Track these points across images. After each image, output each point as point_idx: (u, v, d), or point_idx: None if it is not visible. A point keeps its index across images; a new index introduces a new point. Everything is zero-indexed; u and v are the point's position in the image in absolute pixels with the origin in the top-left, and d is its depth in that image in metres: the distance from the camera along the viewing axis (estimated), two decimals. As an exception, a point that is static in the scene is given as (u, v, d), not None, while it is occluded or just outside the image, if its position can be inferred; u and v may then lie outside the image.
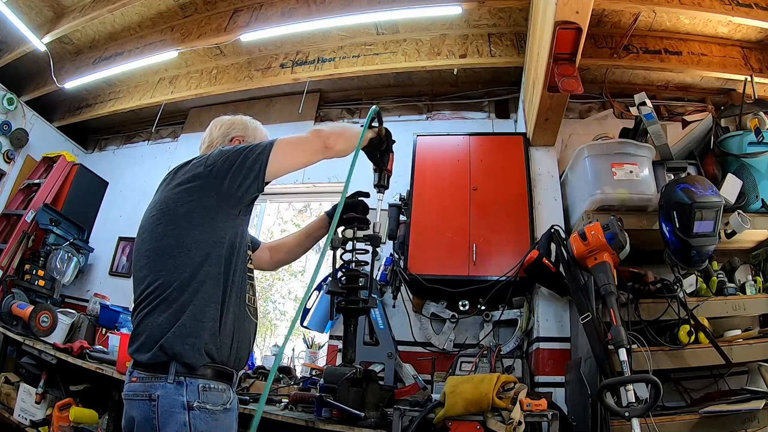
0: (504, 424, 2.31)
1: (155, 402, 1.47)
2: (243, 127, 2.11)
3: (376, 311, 3.64)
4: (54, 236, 4.96)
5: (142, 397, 1.50)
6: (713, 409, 2.53)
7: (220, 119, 2.15)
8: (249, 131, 2.11)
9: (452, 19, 4.48)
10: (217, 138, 2.05)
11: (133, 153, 6.23)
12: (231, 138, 2.05)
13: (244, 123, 2.13)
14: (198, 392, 1.50)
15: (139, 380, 1.53)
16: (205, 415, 1.50)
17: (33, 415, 3.64)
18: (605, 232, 2.63)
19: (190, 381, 1.50)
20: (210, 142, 2.06)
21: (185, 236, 1.61)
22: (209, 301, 1.58)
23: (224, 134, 2.06)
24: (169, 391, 1.48)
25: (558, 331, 3.26)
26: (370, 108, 2.22)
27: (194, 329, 1.53)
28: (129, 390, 1.56)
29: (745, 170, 3.19)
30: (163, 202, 1.70)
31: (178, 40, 5.04)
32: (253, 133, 2.10)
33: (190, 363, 1.51)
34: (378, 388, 2.67)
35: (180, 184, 1.70)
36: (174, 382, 1.49)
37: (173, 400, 1.47)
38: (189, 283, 1.57)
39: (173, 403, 1.47)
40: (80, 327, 4.29)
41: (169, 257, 1.60)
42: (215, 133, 2.07)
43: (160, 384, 1.49)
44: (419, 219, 3.69)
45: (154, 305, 1.56)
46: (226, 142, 2.03)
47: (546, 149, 3.89)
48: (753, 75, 3.93)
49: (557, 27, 2.78)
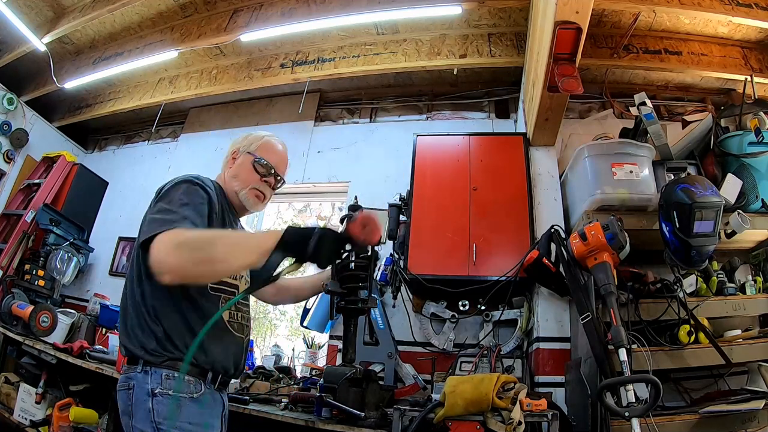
0: (504, 424, 2.31)
1: (131, 391, 1.61)
2: (247, 142, 2.14)
3: (376, 311, 3.64)
4: (54, 236, 4.96)
5: (123, 387, 1.64)
6: (713, 409, 2.53)
7: (239, 137, 2.22)
8: (249, 143, 2.13)
9: (452, 19, 4.48)
10: (228, 154, 2.16)
11: (133, 153, 6.23)
12: (233, 151, 2.14)
13: (251, 138, 2.16)
14: (161, 380, 1.60)
15: (123, 371, 1.69)
16: (167, 400, 1.58)
17: (33, 415, 3.64)
18: (605, 232, 2.63)
19: (154, 370, 1.61)
20: (225, 157, 2.18)
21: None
22: (166, 306, 1.68)
23: (231, 150, 2.16)
24: (139, 381, 1.60)
25: (558, 331, 3.25)
26: (371, 107, 2.17)
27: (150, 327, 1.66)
28: (118, 382, 1.69)
29: (745, 170, 3.19)
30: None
31: (178, 40, 5.04)
32: (251, 145, 2.12)
33: (150, 358, 1.62)
34: (378, 388, 2.66)
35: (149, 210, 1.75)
36: (142, 372, 1.61)
37: (141, 388, 1.59)
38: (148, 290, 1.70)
39: (141, 391, 1.59)
40: (80, 327, 4.29)
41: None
42: (228, 149, 2.18)
43: (134, 374, 1.62)
44: (419, 219, 3.69)
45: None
46: (229, 155, 2.14)
47: (546, 149, 3.89)
48: (753, 75, 3.93)
49: (557, 27, 2.78)
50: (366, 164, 4.79)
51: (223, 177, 2.10)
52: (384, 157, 4.75)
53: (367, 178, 4.66)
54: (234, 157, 2.12)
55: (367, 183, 4.56)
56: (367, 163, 4.80)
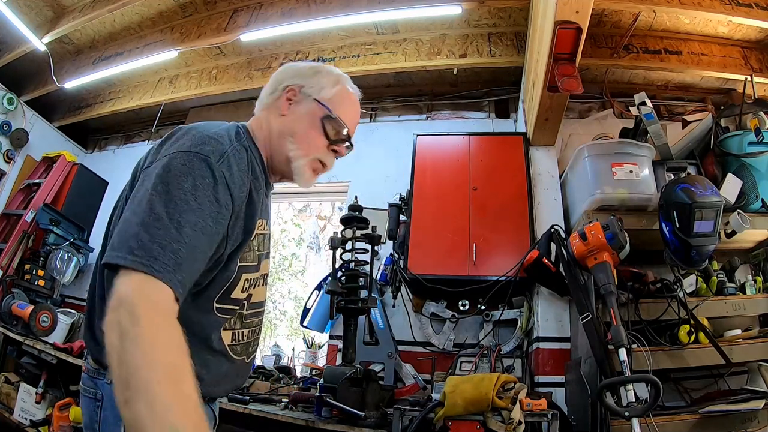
0: (504, 423, 2.32)
1: (100, 403, 1.21)
2: (308, 76, 1.48)
3: (376, 311, 3.65)
4: (54, 236, 4.96)
5: (89, 394, 1.24)
6: (713, 408, 2.53)
7: (295, 63, 1.56)
8: (313, 81, 1.46)
9: (452, 18, 4.48)
10: (278, 84, 1.48)
11: (133, 153, 6.21)
12: (286, 86, 1.46)
13: (314, 70, 1.50)
14: None
15: (87, 372, 1.27)
16: None
17: (33, 414, 3.64)
18: (605, 231, 2.63)
19: None
20: (272, 89, 1.49)
21: None
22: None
23: (282, 80, 1.49)
24: (109, 394, 1.17)
25: (558, 331, 3.25)
26: (371, 107, 1.83)
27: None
28: (81, 381, 1.29)
29: (745, 170, 3.19)
30: None
31: (178, 40, 5.03)
32: (317, 86, 1.46)
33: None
34: (378, 388, 2.67)
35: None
36: (111, 383, 1.15)
37: (111, 404, 1.15)
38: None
39: (111, 409, 1.17)
40: (80, 327, 4.29)
41: None
42: (282, 77, 1.50)
43: (101, 382, 1.21)
44: (419, 219, 3.69)
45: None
46: (280, 90, 1.47)
47: (546, 149, 3.89)
48: (753, 75, 3.93)
49: (557, 27, 2.79)
50: (366, 164, 4.79)
51: (265, 125, 1.44)
52: (384, 156, 4.75)
53: (367, 178, 4.66)
54: (290, 97, 1.44)
55: (367, 183, 4.56)
56: (367, 163, 4.79)
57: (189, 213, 1.04)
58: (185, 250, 1.02)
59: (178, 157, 1.11)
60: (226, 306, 1.29)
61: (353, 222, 2.86)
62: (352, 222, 2.86)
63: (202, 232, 1.06)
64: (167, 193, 1.04)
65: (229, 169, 1.16)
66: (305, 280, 8.96)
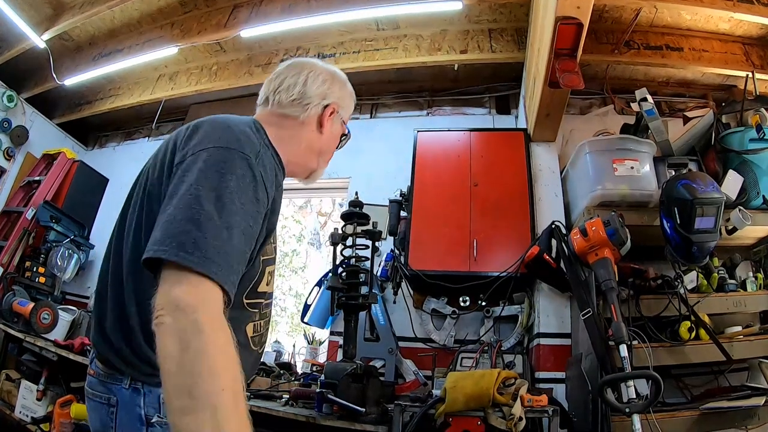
0: (505, 419, 2.32)
1: (114, 408, 1.17)
2: (341, 94, 1.55)
3: (377, 307, 3.64)
4: (54, 233, 4.95)
5: (101, 399, 1.20)
6: (714, 405, 2.53)
7: (318, 65, 1.54)
8: (345, 102, 1.57)
9: (453, 14, 4.47)
10: (315, 96, 1.47)
11: (134, 149, 6.21)
12: (327, 104, 1.49)
13: (343, 88, 1.57)
14: (159, 404, 1.15)
15: (96, 375, 1.23)
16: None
17: (34, 412, 3.64)
18: (606, 227, 2.63)
19: (148, 389, 1.16)
20: (301, 96, 1.46)
21: None
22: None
23: (324, 95, 1.49)
24: (125, 399, 1.16)
25: (559, 327, 3.26)
26: (371, 103, 1.88)
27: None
28: (88, 384, 1.26)
29: (747, 167, 3.19)
30: None
31: (178, 36, 5.02)
32: (347, 107, 1.59)
33: (144, 374, 1.16)
34: (379, 384, 2.67)
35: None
36: (130, 388, 1.16)
37: (129, 411, 1.15)
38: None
39: (130, 415, 1.15)
40: (81, 324, 4.29)
41: None
42: (314, 88, 1.47)
43: (116, 387, 1.18)
44: (420, 215, 3.69)
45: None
46: (321, 105, 1.48)
47: (547, 145, 3.88)
48: (754, 71, 3.92)
49: (558, 22, 2.78)
50: (366, 160, 4.78)
51: (291, 133, 1.44)
52: (384, 152, 4.74)
53: (367, 174, 4.65)
54: (328, 116, 1.49)
55: (368, 179, 4.56)
56: (367, 159, 4.79)
57: (236, 215, 1.03)
58: (236, 253, 1.01)
59: (219, 153, 1.09)
60: (254, 300, 1.30)
61: (354, 218, 2.86)
62: (353, 218, 2.86)
63: (244, 233, 1.05)
64: (214, 190, 1.02)
65: (264, 168, 1.16)
66: (306, 277, 8.98)
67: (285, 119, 1.44)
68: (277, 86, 1.47)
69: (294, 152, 1.43)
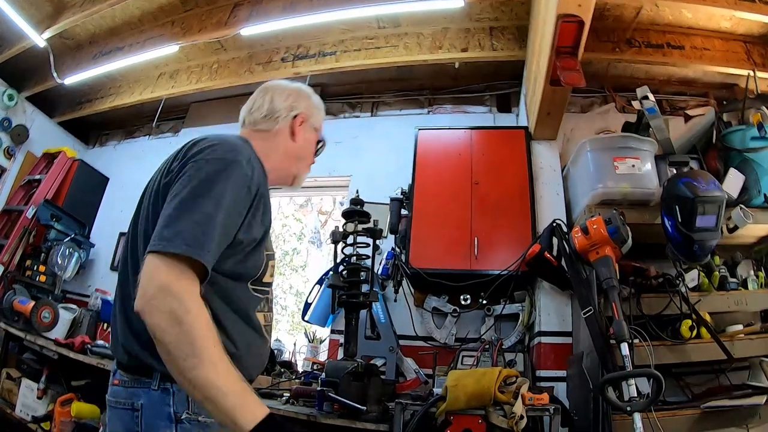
0: (506, 418, 2.32)
1: (138, 412, 1.26)
2: (308, 104, 1.73)
3: (378, 305, 3.64)
4: (55, 232, 4.96)
5: (124, 406, 1.29)
6: (715, 404, 2.53)
7: (279, 86, 1.74)
8: (312, 110, 1.74)
9: (454, 12, 4.46)
10: (283, 109, 1.65)
11: (134, 148, 6.22)
12: (296, 114, 1.67)
13: (309, 99, 1.75)
14: (187, 401, 1.27)
15: (121, 384, 1.32)
16: (195, 428, 1.28)
17: (35, 410, 3.65)
18: (607, 226, 2.62)
19: (177, 388, 1.26)
20: (270, 111, 1.65)
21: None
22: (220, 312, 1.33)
23: (290, 107, 1.67)
24: (154, 400, 1.26)
25: (560, 326, 3.26)
26: (372, 101, 2.03)
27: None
28: (110, 394, 1.35)
29: (748, 165, 3.19)
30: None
31: (179, 34, 5.02)
32: (315, 115, 1.75)
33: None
34: (380, 382, 2.67)
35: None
36: (159, 389, 1.26)
37: (158, 410, 1.26)
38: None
39: (158, 414, 1.26)
40: (82, 322, 4.30)
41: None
42: (280, 103, 1.67)
43: (143, 390, 1.28)
44: (421, 213, 3.69)
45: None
46: (289, 117, 1.66)
47: (548, 143, 3.88)
48: (756, 70, 3.92)
49: (559, 20, 2.78)
50: (367, 158, 4.78)
51: (271, 144, 1.62)
52: (385, 150, 4.74)
53: (368, 172, 4.65)
54: (297, 126, 1.67)
55: (369, 177, 4.55)
56: (368, 157, 4.79)
57: (223, 210, 1.22)
58: (215, 238, 1.19)
59: (227, 153, 1.32)
60: (260, 288, 1.47)
61: (355, 216, 2.86)
62: (354, 216, 2.86)
63: (226, 223, 1.24)
64: (211, 190, 1.23)
65: (253, 170, 1.35)
66: (306, 275, 8.97)
67: (261, 133, 1.63)
68: (250, 108, 1.70)
69: (275, 160, 1.59)
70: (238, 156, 1.33)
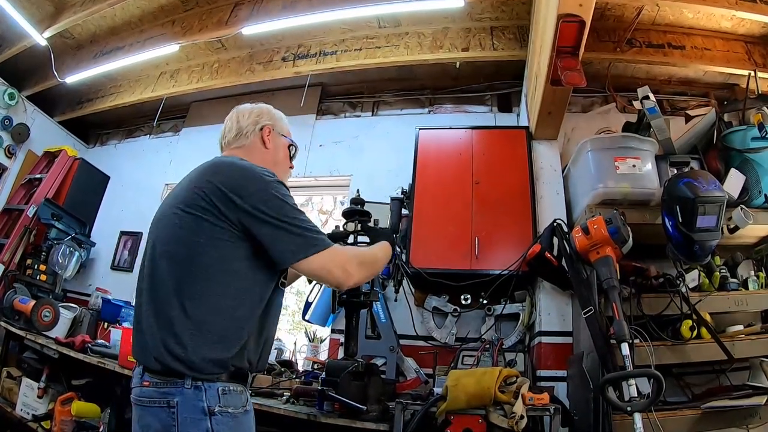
0: (506, 417, 2.31)
1: (174, 409, 1.41)
2: (270, 116, 1.97)
3: (378, 305, 3.64)
4: (56, 231, 4.96)
5: (159, 404, 1.43)
6: (715, 404, 2.53)
7: (242, 108, 1.98)
8: (276, 120, 1.98)
9: (455, 12, 4.46)
10: (248, 126, 1.90)
11: (135, 147, 6.23)
12: (261, 126, 1.90)
13: (270, 112, 1.99)
14: (218, 396, 1.45)
15: (152, 385, 1.46)
16: (227, 419, 1.45)
17: (35, 409, 3.65)
18: (608, 226, 2.62)
19: (208, 385, 1.44)
20: (239, 131, 1.89)
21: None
22: (252, 313, 1.62)
23: (255, 122, 1.91)
24: (188, 397, 1.42)
25: (560, 326, 3.26)
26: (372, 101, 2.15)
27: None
28: (141, 395, 1.48)
29: (749, 165, 3.19)
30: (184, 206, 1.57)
31: (180, 33, 5.02)
32: (279, 123, 1.98)
33: (208, 373, 1.46)
34: (380, 382, 2.67)
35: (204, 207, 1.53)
36: (192, 387, 1.42)
37: (193, 405, 1.41)
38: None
39: (193, 409, 1.41)
40: (82, 321, 4.29)
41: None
42: (244, 121, 1.91)
43: (177, 389, 1.42)
44: (421, 213, 3.69)
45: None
46: (257, 130, 1.90)
47: (548, 143, 3.88)
48: (756, 70, 3.92)
49: (560, 20, 2.77)
50: (368, 158, 4.79)
51: (253, 161, 1.75)
52: (386, 150, 4.74)
53: (369, 172, 4.65)
54: (266, 136, 1.92)
55: (369, 176, 4.56)
56: (369, 157, 4.79)
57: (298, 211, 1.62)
58: (319, 230, 1.63)
59: (273, 185, 1.59)
60: (284, 280, 1.73)
61: (355, 215, 2.84)
62: (355, 215, 2.84)
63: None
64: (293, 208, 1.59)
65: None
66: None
67: (239, 150, 1.86)
68: (223, 133, 1.93)
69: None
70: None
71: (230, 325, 1.49)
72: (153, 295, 1.52)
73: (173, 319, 1.44)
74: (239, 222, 1.51)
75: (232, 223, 1.51)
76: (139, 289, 1.58)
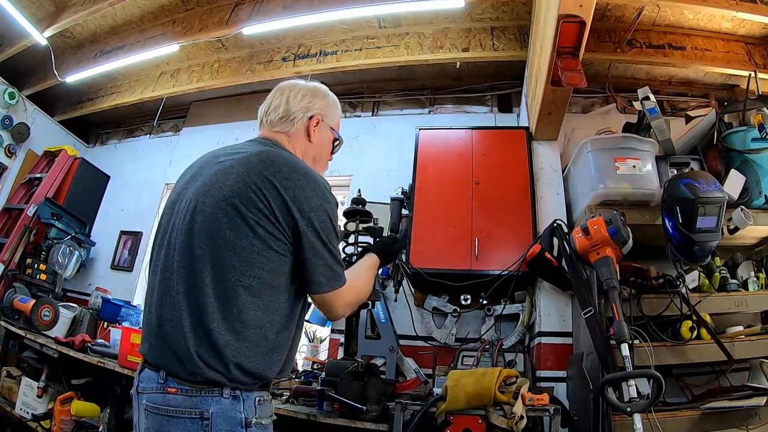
0: (506, 418, 2.31)
1: (208, 421, 1.28)
2: (323, 104, 1.76)
3: (378, 305, 3.63)
4: (56, 230, 4.97)
5: (190, 415, 1.29)
6: (715, 405, 2.53)
7: (296, 86, 1.76)
8: (328, 110, 1.78)
9: (455, 12, 4.46)
10: (298, 111, 1.69)
11: (135, 147, 6.23)
12: (311, 116, 1.70)
13: (325, 98, 1.79)
14: (255, 407, 1.37)
15: (181, 392, 1.32)
16: (260, 430, 1.37)
17: (35, 409, 3.65)
18: (608, 226, 2.62)
19: (246, 395, 1.35)
20: (286, 113, 1.68)
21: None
22: (288, 323, 1.56)
23: (306, 108, 1.71)
24: (225, 408, 1.31)
25: (560, 326, 3.25)
26: (373, 101, 2.10)
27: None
28: (163, 402, 1.32)
29: (749, 166, 3.18)
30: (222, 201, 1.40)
31: (180, 33, 5.02)
32: (330, 114, 1.78)
33: (247, 383, 1.37)
34: (380, 382, 2.67)
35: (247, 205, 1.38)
36: (230, 397, 1.32)
37: (230, 417, 1.31)
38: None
39: (230, 421, 1.31)
40: (82, 321, 4.29)
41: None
42: (295, 104, 1.70)
43: (213, 399, 1.31)
44: (421, 213, 3.69)
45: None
46: (305, 118, 1.69)
47: (549, 143, 3.88)
48: (757, 71, 3.91)
49: (561, 20, 2.77)
50: (368, 158, 4.79)
51: (292, 147, 1.67)
52: (386, 150, 4.75)
53: (369, 172, 4.65)
54: (313, 127, 1.71)
55: (370, 176, 4.56)
56: (369, 157, 4.79)
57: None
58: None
59: (332, 206, 1.50)
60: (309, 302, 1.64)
61: (356, 215, 2.85)
62: (355, 215, 2.85)
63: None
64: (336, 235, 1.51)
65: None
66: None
67: (279, 135, 1.67)
68: (266, 109, 1.73)
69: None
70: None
71: (272, 339, 1.40)
72: (188, 300, 1.35)
73: (213, 332, 1.31)
74: (292, 235, 1.41)
75: (286, 236, 1.40)
76: (165, 287, 1.41)
